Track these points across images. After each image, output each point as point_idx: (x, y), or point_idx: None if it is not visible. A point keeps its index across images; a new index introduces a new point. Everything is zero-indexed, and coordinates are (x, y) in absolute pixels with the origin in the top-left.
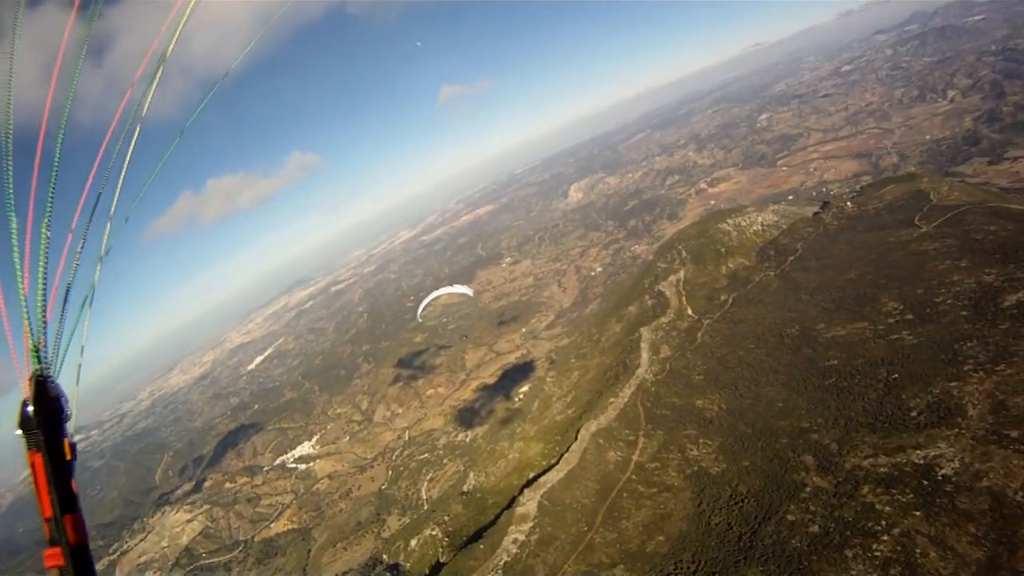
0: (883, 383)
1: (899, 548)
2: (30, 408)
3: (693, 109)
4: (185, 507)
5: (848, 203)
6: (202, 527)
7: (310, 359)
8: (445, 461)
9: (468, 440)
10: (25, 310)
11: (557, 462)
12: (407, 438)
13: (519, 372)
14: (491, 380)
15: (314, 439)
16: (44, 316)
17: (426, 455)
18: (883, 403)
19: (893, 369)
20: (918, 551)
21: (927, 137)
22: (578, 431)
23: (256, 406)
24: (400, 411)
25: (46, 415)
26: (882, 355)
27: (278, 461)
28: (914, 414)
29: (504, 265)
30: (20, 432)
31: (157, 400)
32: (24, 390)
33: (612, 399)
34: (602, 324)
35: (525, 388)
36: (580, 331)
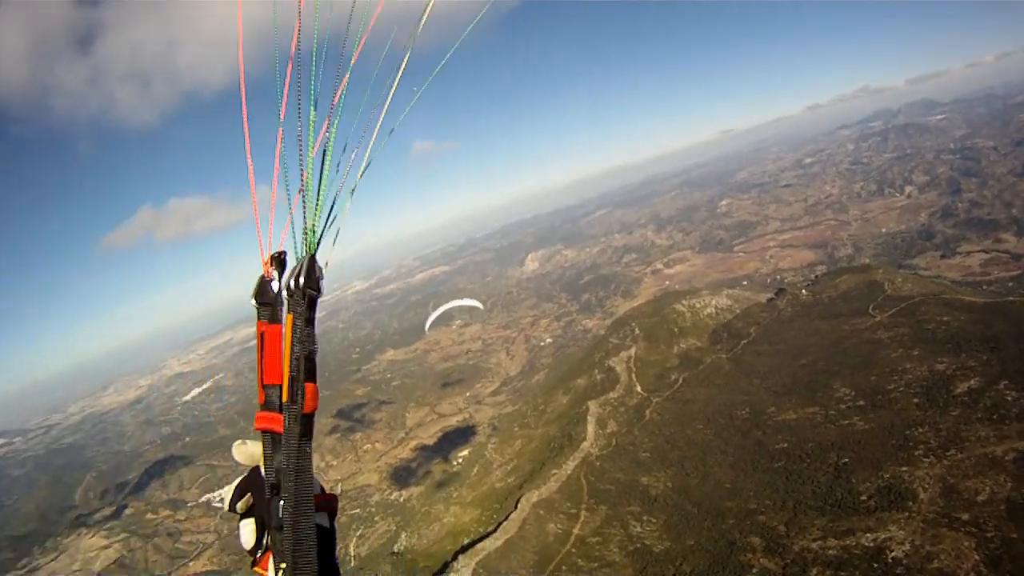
0: (833, 467)
1: None
2: (291, 283)
3: (656, 190)
4: (103, 532)
5: (803, 291)
6: (118, 555)
7: (248, 398)
8: (377, 519)
9: (402, 499)
10: (305, 192)
11: (495, 530)
12: (339, 491)
13: (460, 435)
14: (430, 441)
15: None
16: (318, 198)
17: (357, 510)
18: (833, 487)
19: (844, 454)
20: None
21: (883, 230)
22: (518, 500)
23: (188, 438)
24: (335, 463)
25: (311, 292)
26: (832, 440)
27: (204, 498)
28: (864, 498)
29: (454, 327)
30: (255, 302)
31: (87, 417)
32: (264, 268)
33: (555, 470)
34: (548, 395)
35: (465, 452)
36: (525, 400)
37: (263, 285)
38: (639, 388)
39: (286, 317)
